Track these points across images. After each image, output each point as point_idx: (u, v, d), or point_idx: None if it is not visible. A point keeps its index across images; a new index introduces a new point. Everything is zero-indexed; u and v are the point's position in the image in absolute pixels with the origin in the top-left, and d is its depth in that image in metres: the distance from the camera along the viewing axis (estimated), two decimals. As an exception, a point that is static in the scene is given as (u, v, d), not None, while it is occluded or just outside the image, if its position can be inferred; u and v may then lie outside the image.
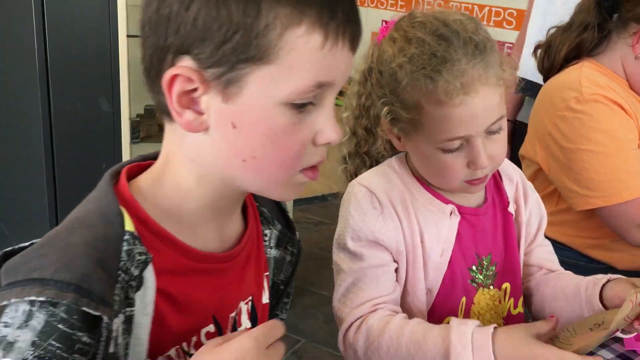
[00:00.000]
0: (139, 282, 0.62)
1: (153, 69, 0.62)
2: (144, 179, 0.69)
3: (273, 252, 0.83)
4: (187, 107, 0.61)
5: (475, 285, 1.02)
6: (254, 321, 0.79)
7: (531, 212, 1.11)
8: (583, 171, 1.29)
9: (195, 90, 0.60)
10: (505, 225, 1.07)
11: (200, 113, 0.62)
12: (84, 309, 0.56)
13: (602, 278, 1.00)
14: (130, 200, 0.65)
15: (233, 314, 0.75)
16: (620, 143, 1.28)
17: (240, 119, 0.61)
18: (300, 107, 0.61)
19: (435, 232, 0.98)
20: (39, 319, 0.56)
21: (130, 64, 1.81)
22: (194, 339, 0.70)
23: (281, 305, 0.91)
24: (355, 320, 0.95)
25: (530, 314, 1.14)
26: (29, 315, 0.57)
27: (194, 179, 0.67)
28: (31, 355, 0.55)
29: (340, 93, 0.75)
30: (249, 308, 0.78)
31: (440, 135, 0.90)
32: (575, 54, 1.39)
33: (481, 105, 0.88)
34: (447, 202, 0.99)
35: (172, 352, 0.68)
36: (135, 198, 0.66)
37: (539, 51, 1.46)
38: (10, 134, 2.07)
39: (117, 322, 0.59)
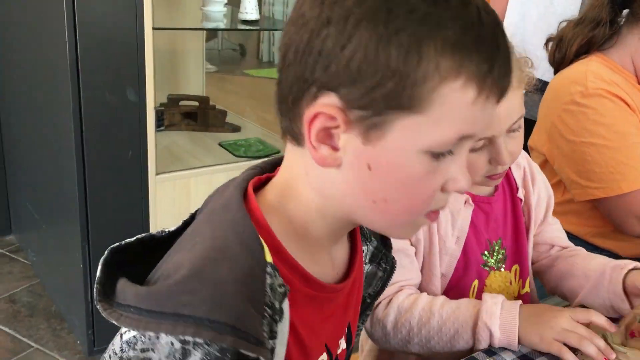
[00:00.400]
0: (280, 313, 0.60)
1: (291, 96, 0.60)
2: (271, 195, 0.67)
3: (366, 268, 0.82)
4: (324, 142, 0.60)
5: (487, 268, 1.08)
6: (349, 342, 0.79)
7: (539, 194, 1.16)
8: (585, 163, 1.33)
9: (335, 127, 0.59)
10: (515, 210, 1.13)
11: (336, 149, 0.60)
12: (242, 351, 0.54)
13: (628, 264, 1.05)
14: (265, 226, 0.63)
15: (341, 340, 0.75)
16: (622, 137, 1.32)
17: (377, 162, 0.59)
18: (438, 155, 0.59)
19: (451, 221, 1.04)
20: (195, 358, 0.55)
21: (155, 55, 1.88)
22: None
23: (364, 317, 0.88)
24: (383, 299, 1.00)
25: (545, 290, 1.20)
26: (185, 353, 0.55)
27: (315, 208, 0.65)
28: None
29: None
30: (346, 330, 0.78)
31: None
32: (586, 49, 1.42)
33: (505, 108, 0.92)
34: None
35: None
36: (265, 217, 0.64)
37: (550, 44, 1.50)
38: (42, 122, 2.15)
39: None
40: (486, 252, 1.08)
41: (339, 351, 0.76)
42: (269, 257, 0.60)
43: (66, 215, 2.02)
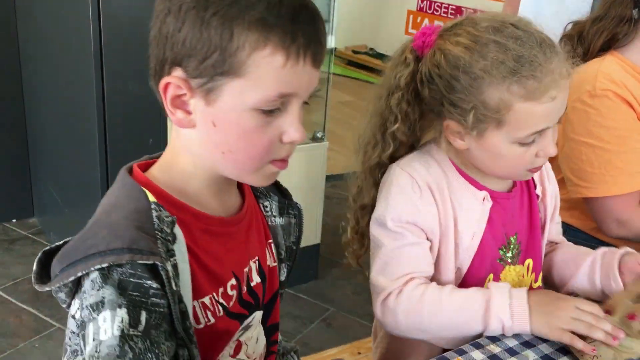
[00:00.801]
0: (173, 236, 0.75)
1: (157, 75, 0.76)
2: (156, 168, 0.82)
3: (278, 220, 0.96)
4: (179, 107, 0.75)
5: (502, 263, 1.10)
6: (263, 278, 0.92)
7: (552, 190, 1.18)
8: (579, 162, 1.36)
9: (184, 94, 0.74)
10: (531, 206, 1.14)
11: (189, 113, 0.75)
12: (140, 262, 0.69)
13: (617, 249, 1.08)
14: (146, 181, 0.79)
15: (246, 269, 0.88)
16: (620, 141, 1.34)
17: (218, 119, 0.75)
18: (268, 112, 0.74)
19: (468, 216, 1.05)
20: (113, 279, 0.69)
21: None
22: (221, 290, 0.83)
23: (289, 263, 1.01)
24: (394, 290, 1.02)
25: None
26: (104, 278, 0.69)
27: (192, 165, 0.80)
28: (123, 301, 0.68)
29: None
30: (257, 267, 0.91)
31: (523, 131, 0.96)
32: (608, 45, 1.41)
33: (562, 99, 0.96)
34: (481, 188, 1.06)
35: (206, 299, 0.81)
36: (154, 179, 0.79)
37: (563, 42, 1.50)
38: (67, 111, 2.21)
39: (169, 267, 0.71)
40: (503, 247, 1.10)
41: (253, 284, 0.90)
42: (152, 198, 0.76)
43: (89, 200, 2.08)
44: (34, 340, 2.10)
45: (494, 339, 0.97)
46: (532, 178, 1.16)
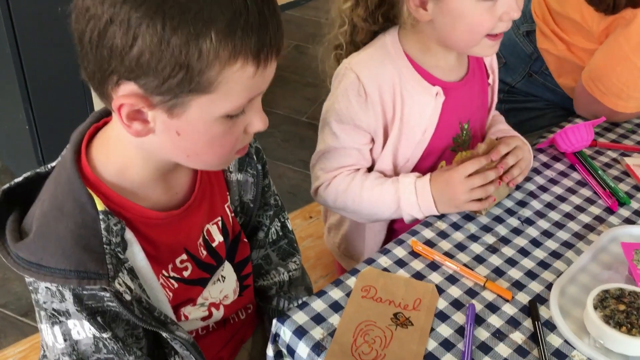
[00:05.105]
0: (124, 244, 0.76)
1: (96, 80, 0.69)
2: (101, 156, 0.78)
3: (235, 176, 0.94)
4: (135, 119, 0.70)
5: (454, 150, 1.15)
6: (226, 235, 0.93)
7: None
8: (608, 69, 1.32)
9: (142, 107, 0.68)
10: (481, 93, 1.18)
11: (147, 122, 0.70)
12: (86, 287, 0.72)
13: (512, 137, 1.13)
14: (95, 181, 0.76)
15: (200, 240, 0.89)
16: None
17: (184, 129, 0.71)
18: (235, 115, 0.72)
19: (420, 112, 1.09)
20: (67, 294, 0.73)
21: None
22: (171, 266, 0.85)
23: (261, 214, 1.03)
24: (325, 181, 1.13)
25: None
26: (61, 294, 0.73)
27: (141, 157, 0.77)
28: (84, 314, 0.73)
29: None
30: (220, 225, 0.92)
31: None
32: None
33: None
34: (434, 82, 1.08)
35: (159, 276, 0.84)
36: (97, 172, 0.76)
37: None
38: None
39: (121, 278, 0.74)
40: (457, 135, 1.15)
41: (215, 244, 0.91)
42: (100, 206, 0.73)
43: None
44: None
45: (440, 216, 1.07)
46: (485, 66, 1.18)
